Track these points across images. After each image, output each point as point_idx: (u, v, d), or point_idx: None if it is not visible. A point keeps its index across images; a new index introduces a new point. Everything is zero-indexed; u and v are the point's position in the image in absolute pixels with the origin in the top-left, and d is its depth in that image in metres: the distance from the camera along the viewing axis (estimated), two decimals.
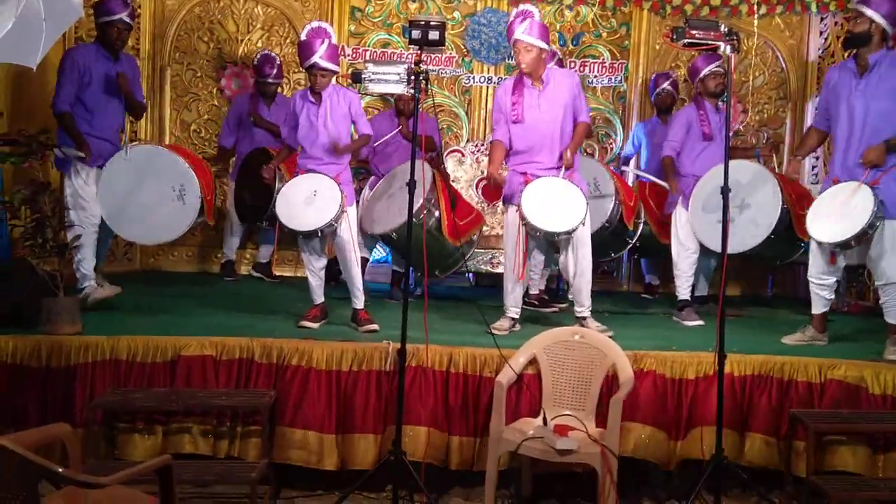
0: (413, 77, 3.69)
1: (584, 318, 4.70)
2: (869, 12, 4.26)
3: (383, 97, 6.54)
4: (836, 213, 4.27)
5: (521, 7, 4.62)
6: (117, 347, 4.01)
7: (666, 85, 6.40)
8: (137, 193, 4.81)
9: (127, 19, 4.90)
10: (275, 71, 6.28)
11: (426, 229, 5.15)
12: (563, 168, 4.56)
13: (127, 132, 6.19)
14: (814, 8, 6.59)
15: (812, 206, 4.47)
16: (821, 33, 6.70)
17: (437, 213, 5.34)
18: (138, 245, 6.41)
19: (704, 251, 5.29)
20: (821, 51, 6.71)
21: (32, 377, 3.93)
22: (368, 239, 5.67)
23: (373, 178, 5.95)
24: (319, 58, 4.51)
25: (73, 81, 4.78)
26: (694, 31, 3.62)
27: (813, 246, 4.51)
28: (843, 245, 4.31)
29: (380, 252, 6.32)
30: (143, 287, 5.70)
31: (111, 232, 5.03)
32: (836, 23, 6.62)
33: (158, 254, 6.60)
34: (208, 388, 3.98)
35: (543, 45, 4.53)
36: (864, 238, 4.25)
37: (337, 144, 4.62)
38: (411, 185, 3.76)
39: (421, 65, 3.72)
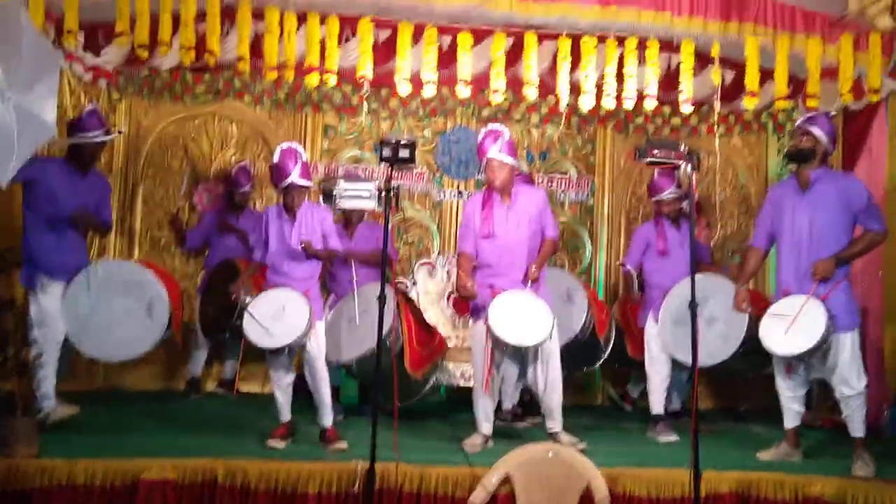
0: (383, 194, 3.74)
1: (557, 433, 4.62)
2: (816, 131, 4.47)
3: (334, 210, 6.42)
4: (789, 326, 4.32)
5: (491, 127, 4.74)
6: (74, 471, 3.86)
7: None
8: (104, 309, 4.70)
9: (103, 138, 4.81)
10: (249, 184, 6.35)
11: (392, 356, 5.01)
12: (529, 282, 4.60)
13: (95, 247, 6.14)
14: (770, 128, 6.91)
15: (764, 317, 4.51)
16: (778, 152, 6.92)
17: (399, 344, 5.07)
18: (101, 362, 6.25)
19: (676, 364, 5.28)
20: (780, 168, 6.93)
21: None
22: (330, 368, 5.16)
23: (332, 296, 5.71)
24: (297, 177, 4.57)
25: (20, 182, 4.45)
26: (656, 151, 3.73)
27: (775, 358, 4.53)
28: (799, 358, 4.36)
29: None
30: (104, 406, 5.53)
31: (71, 349, 4.81)
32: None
33: (122, 371, 6.41)
34: None
35: (515, 163, 4.69)
36: (817, 352, 4.31)
37: (309, 244, 4.58)
38: (381, 306, 3.74)
39: (392, 181, 3.79)
